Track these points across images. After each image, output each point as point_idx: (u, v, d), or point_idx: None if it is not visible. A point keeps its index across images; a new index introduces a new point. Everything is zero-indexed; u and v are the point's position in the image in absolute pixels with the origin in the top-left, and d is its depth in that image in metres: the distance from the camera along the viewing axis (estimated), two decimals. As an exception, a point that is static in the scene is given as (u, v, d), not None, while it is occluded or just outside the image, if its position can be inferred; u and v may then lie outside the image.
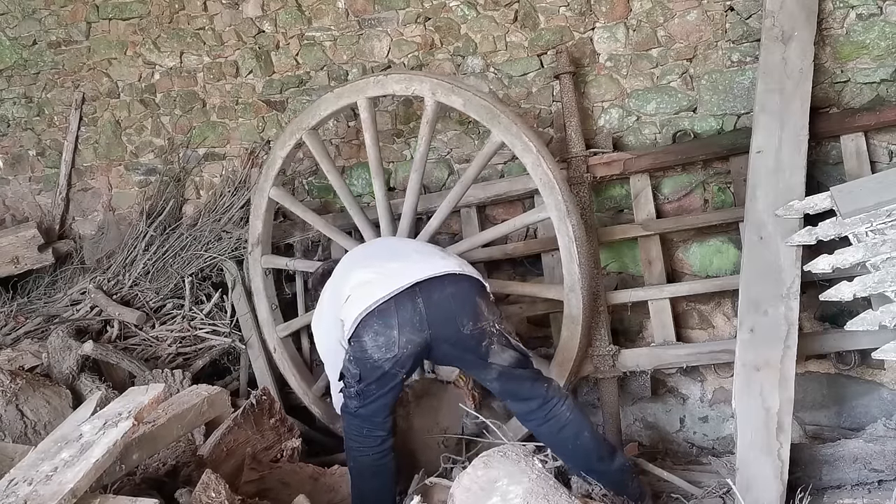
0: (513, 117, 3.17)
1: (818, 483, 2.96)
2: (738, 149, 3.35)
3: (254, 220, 3.81)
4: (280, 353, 3.81)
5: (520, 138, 3.13)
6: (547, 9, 3.68)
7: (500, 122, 3.15)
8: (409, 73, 3.43)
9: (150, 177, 4.46)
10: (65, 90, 4.56)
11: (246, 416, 2.85)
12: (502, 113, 3.17)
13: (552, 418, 2.73)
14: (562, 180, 3.15)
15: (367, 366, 2.63)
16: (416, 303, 2.58)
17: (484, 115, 3.18)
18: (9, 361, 3.63)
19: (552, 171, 3.10)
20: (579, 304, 3.14)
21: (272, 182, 3.71)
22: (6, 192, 4.76)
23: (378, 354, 2.59)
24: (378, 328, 2.58)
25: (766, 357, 2.93)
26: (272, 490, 2.76)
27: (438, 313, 2.59)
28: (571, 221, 3.09)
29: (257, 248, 3.82)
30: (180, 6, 4.27)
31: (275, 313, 3.87)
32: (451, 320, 2.61)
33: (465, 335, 2.62)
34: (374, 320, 2.58)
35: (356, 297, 2.64)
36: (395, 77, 3.37)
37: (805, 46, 3.12)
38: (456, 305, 2.62)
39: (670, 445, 3.68)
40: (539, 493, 2.05)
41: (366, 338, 2.60)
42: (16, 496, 2.03)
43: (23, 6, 4.56)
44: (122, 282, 4.17)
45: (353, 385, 2.71)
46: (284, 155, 3.64)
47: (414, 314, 2.57)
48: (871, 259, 2.75)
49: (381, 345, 2.58)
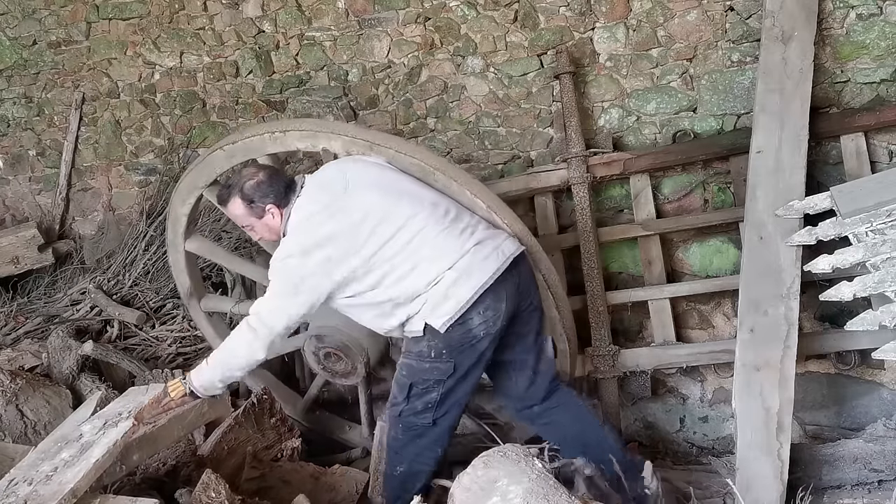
0: (453, 173, 2.80)
1: (818, 483, 2.96)
2: (738, 149, 3.35)
3: (178, 275, 3.47)
4: (255, 385, 3.47)
5: (463, 195, 2.76)
6: (547, 9, 3.68)
7: (437, 179, 2.77)
8: (314, 128, 2.94)
9: (150, 177, 4.46)
10: (65, 90, 4.56)
11: (246, 414, 2.84)
12: (437, 170, 2.78)
13: (570, 404, 2.80)
14: (523, 230, 2.82)
15: (466, 350, 2.54)
16: (514, 275, 2.60)
17: (416, 172, 2.77)
18: (9, 361, 3.62)
19: (511, 223, 2.78)
20: (566, 344, 3.04)
21: (183, 237, 3.34)
22: (6, 192, 4.76)
23: (483, 330, 2.53)
24: (490, 303, 2.53)
25: (766, 357, 2.93)
26: (273, 489, 2.76)
27: (524, 285, 2.67)
28: (542, 270, 2.87)
29: (192, 300, 3.49)
30: (180, 6, 4.27)
31: None
32: (527, 293, 2.69)
33: (532, 307, 2.72)
34: (488, 296, 2.52)
35: (463, 279, 2.50)
36: (294, 134, 2.92)
37: (805, 46, 3.12)
38: (531, 278, 2.74)
39: (670, 445, 3.69)
40: (539, 492, 2.05)
41: (474, 315, 2.51)
42: (16, 496, 2.03)
43: (23, 6, 4.55)
44: (122, 282, 4.17)
45: (434, 391, 2.58)
46: (188, 212, 3.27)
47: (515, 287, 2.60)
48: (871, 259, 2.75)
49: (489, 318, 2.53)
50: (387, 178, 2.69)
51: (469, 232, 2.59)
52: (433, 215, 2.58)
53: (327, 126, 3.02)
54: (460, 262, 2.51)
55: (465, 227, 2.60)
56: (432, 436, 2.65)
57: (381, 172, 2.72)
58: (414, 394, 2.61)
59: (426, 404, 2.60)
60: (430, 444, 2.66)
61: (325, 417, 3.68)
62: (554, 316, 2.95)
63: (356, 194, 2.58)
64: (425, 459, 2.68)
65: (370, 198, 2.58)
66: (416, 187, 2.68)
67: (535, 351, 2.75)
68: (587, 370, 3.47)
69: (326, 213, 2.56)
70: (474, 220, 2.67)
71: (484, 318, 2.52)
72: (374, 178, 2.67)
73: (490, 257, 2.55)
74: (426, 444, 2.66)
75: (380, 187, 2.62)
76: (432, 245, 2.53)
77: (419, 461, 2.68)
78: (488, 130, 3.82)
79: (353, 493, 2.89)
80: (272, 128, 3.02)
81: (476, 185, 2.85)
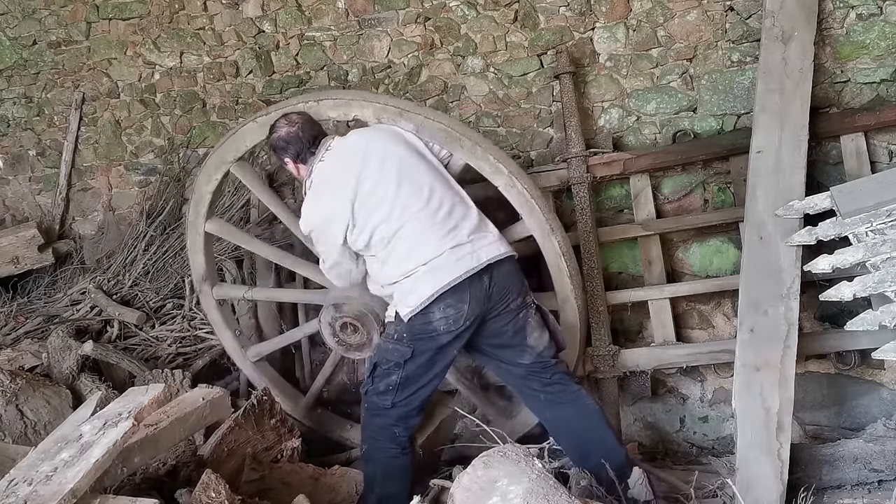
0: (478, 138, 3.00)
1: (818, 483, 2.96)
2: (738, 149, 3.35)
3: (194, 256, 3.52)
4: (258, 378, 3.60)
5: (487, 160, 2.94)
6: (547, 9, 3.68)
7: (463, 145, 2.94)
8: (347, 97, 3.09)
9: (150, 177, 4.46)
10: (65, 90, 4.56)
11: (247, 416, 2.84)
12: (463, 136, 2.95)
13: (579, 400, 2.83)
14: (540, 198, 3.02)
15: (424, 339, 2.70)
16: (483, 281, 2.69)
17: (442, 138, 2.93)
18: (9, 361, 3.62)
19: (528, 191, 2.97)
20: (575, 313, 3.14)
21: (204, 217, 3.41)
22: (6, 192, 4.76)
23: (444, 326, 2.68)
24: (451, 301, 2.66)
25: (766, 357, 2.93)
26: (272, 490, 2.76)
27: (499, 290, 2.73)
28: (556, 238, 3.02)
29: (205, 284, 3.55)
30: (180, 6, 4.27)
31: (241, 339, 3.67)
32: (505, 295, 2.75)
33: (511, 310, 2.76)
34: (449, 296, 2.65)
35: (428, 276, 2.67)
36: (328, 103, 3.04)
37: (805, 46, 3.12)
38: (510, 282, 2.77)
39: (670, 445, 3.69)
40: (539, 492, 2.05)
41: (435, 310, 2.67)
42: (16, 496, 2.03)
43: (23, 6, 4.55)
44: (122, 282, 4.17)
45: (394, 373, 2.75)
46: (212, 190, 3.34)
47: (481, 291, 2.69)
48: (871, 259, 2.75)
49: (450, 317, 2.67)
50: (398, 158, 2.80)
51: (454, 231, 2.71)
52: (425, 209, 2.72)
53: (360, 95, 3.17)
54: (434, 261, 2.67)
55: (452, 227, 2.72)
56: (389, 419, 2.80)
57: (395, 150, 2.82)
58: (378, 374, 2.80)
59: (387, 386, 2.77)
60: (387, 424, 2.81)
61: (326, 416, 3.70)
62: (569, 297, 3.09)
63: (368, 172, 2.74)
64: (384, 438, 2.82)
65: (376, 177, 2.73)
66: (418, 172, 2.79)
67: (519, 345, 2.80)
68: (587, 370, 3.47)
69: (338, 185, 2.75)
70: (466, 217, 2.76)
71: (444, 314, 2.67)
72: (387, 156, 2.79)
73: (463, 259, 2.67)
74: (383, 423, 2.82)
75: (388, 169, 2.75)
76: (414, 239, 2.70)
77: (378, 439, 2.84)
78: (488, 130, 3.82)
79: (352, 493, 2.89)
80: (306, 98, 3.15)
81: (499, 151, 3.04)
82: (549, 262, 3.09)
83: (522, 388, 2.93)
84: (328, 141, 2.87)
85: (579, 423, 2.83)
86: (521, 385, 2.92)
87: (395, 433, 2.81)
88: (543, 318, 2.85)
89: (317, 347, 4.04)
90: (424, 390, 2.80)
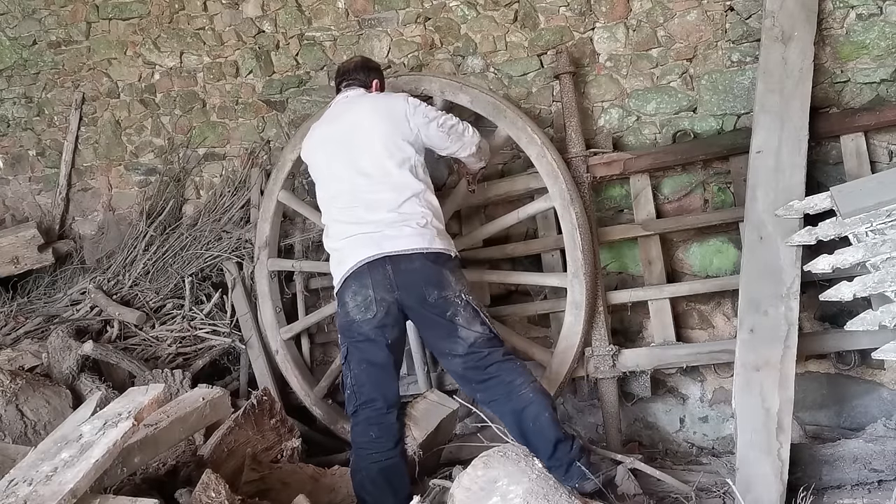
0: (518, 112, 3.40)
1: (818, 483, 2.96)
2: (738, 149, 3.35)
3: (261, 223, 3.84)
4: (283, 355, 3.82)
5: (525, 131, 3.33)
6: (547, 9, 3.68)
7: (506, 116, 3.36)
8: (417, 74, 3.61)
9: (150, 177, 4.46)
10: (65, 90, 4.56)
11: (247, 416, 2.84)
12: (508, 108, 3.38)
13: (515, 398, 2.76)
14: (565, 170, 3.32)
15: (351, 332, 2.82)
16: (386, 269, 2.78)
17: (490, 110, 3.39)
18: (9, 361, 3.62)
19: (556, 162, 3.29)
20: (582, 290, 3.24)
21: (281, 185, 3.76)
22: (6, 192, 4.76)
23: (359, 315, 2.79)
24: (356, 287, 2.80)
25: (766, 357, 2.93)
26: (272, 490, 2.76)
27: (405, 280, 2.78)
28: (575, 209, 3.26)
29: (264, 251, 3.84)
30: (180, 6, 4.27)
31: (279, 316, 3.88)
32: (416, 288, 2.79)
33: (430, 303, 2.79)
34: (352, 281, 2.81)
35: (342, 258, 2.85)
36: (404, 79, 3.53)
37: (805, 46, 3.12)
38: (421, 276, 2.79)
39: (670, 445, 3.69)
40: (539, 492, 2.05)
41: (347, 298, 2.81)
42: (16, 496, 2.03)
43: (23, 6, 4.56)
44: (122, 282, 4.17)
45: (348, 375, 2.86)
46: (295, 157, 3.63)
47: (384, 278, 2.78)
48: (871, 259, 2.75)
49: (360, 303, 2.78)
50: (365, 126, 2.92)
51: (369, 218, 2.81)
52: (352, 190, 2.89)
53: (427, 74, 3.67)
54: (342, 243, 2.87)
55: (367, 213, 2.82)
56: (360, 425, 2.84)
57: (362, 119, 2.95)
58: (345, 381, 2.94)
59: (348, 391, 2.88)
60: (363, 430, 2.83)
61: (335, 409, 3.77)
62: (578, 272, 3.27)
63: (335, 128, 3.00)
64: (363, 444, 2.85)
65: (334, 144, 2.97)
66: (362, 150, 2.90)
67: (450, 336, 2.81)
68: (587, 370, 3.47)
69: (315, 138, 3.08)
70: (392, 207, 2.82)
71: (355, 301, 2.79)
72: (356, 124, 2.95)
73: (364, 246, 2.80)
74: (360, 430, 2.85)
75: (345, 135, 2.94)
76: (335, 217, 2.93)
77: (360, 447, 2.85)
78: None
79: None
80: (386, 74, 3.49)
81: (535, 125, 3.39)
82: (564, 232, 3.29)
83: (463, 385, 2.98)
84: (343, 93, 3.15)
85: (512, 418, 2.80)
86: (461, 381, 2.96)
87: (371, 437, 2.81)
88: (478, 314, 2.84)
89: (317, 346, 4.05)
90: (373, 380, 2.82)
